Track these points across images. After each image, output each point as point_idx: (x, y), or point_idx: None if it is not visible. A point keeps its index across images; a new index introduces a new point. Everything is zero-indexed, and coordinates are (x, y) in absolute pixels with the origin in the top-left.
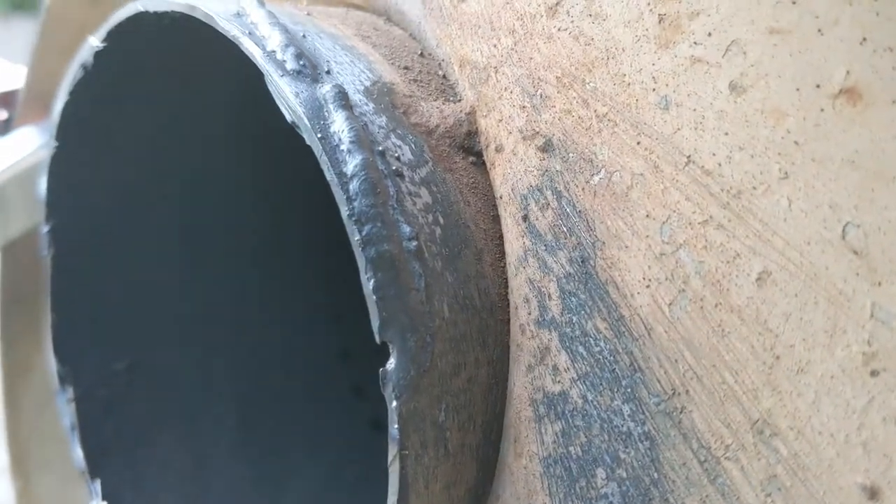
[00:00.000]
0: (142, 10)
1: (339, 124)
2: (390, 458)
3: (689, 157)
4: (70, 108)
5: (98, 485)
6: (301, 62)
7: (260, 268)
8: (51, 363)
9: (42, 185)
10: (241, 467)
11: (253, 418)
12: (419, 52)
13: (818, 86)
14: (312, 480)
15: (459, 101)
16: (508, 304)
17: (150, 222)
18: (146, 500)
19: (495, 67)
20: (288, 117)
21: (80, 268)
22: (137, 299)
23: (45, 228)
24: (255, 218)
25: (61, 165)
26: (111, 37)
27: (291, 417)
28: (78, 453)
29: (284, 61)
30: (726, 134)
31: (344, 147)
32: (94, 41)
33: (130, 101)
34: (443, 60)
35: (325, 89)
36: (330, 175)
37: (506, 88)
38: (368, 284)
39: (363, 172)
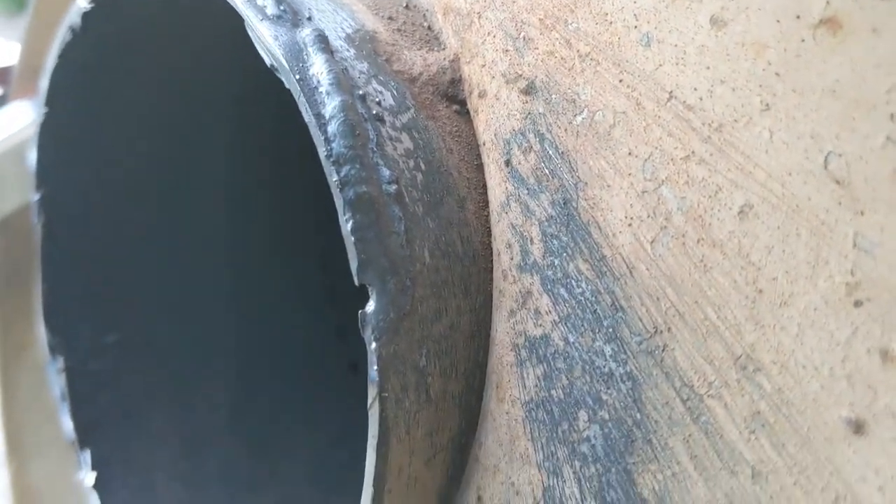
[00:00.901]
0: None
1: (318, 67)
2: (370, 400)
3: (670, 92)
4: (59, 72)
5: (88, 455)
6: (281, 7)
7: (255, 244)
8: (42, 333)
9: (32, 156)
10: (235, 445)
11: (247, 396)
12: (404, 4)
13: (798, 16)
14: (307, 458)
15: (443, 49)
16: (491, 252)
17: (144, 192)
18: (137, 475)
19: (478, 13)
20: (267, 61)
21: (72, 237)
22: (130, 272)
23: (36, 196)
24: (250, 192)
25: (51, 132)
26: None
27: (286, 394)
28: (68, 424)
29: (265, 6)
30: (707, 68)
31: (323, 89)
32: (82, 2)
33: (120, 65)
34: (427, 10)
35: (305, 33)
36: (308, 117)
37: (489, 33)
38: (347, 226)
39: (342, 114)
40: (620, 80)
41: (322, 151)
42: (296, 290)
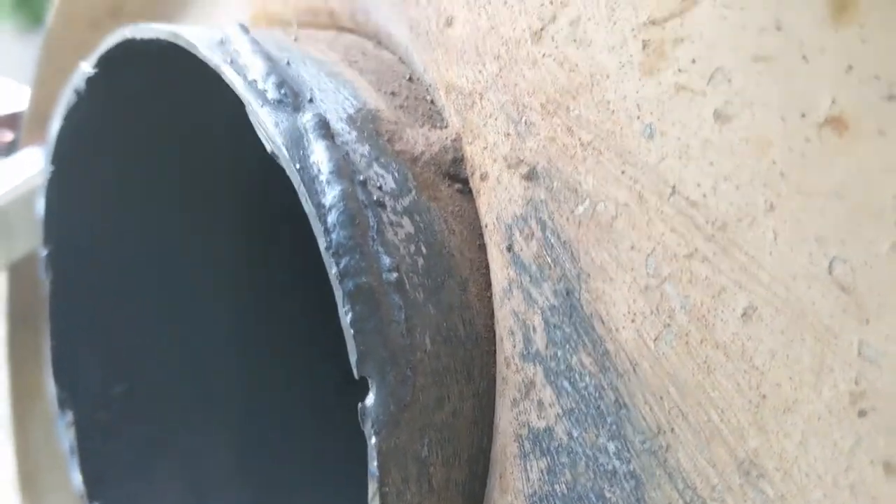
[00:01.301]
0: (129, 37)
1: (318, 154)
2: (370, 494)
3: (673, 187)
4: (64, 132)
5: None
6: (282, 91)
7: (261, 293)
8: (50, 387)
9: (40, 208)
10: (240, 492)
11: (252, 446)
12: (407, 77)
13: (803, 115)
14: None
15: (446, 127)
16: (494, 335)
17: (149, 246)
18: None
19: (480, 93)
20: (268, 147)
21: (79, 292)
22: (136, 324)
23: (44, 252)
24: (256, 240)
25: (57, 190)
26: (102, 63)
27: (291, 445)
28: (77, 478)
29: (265, 90)
30: (711, 164)
31: (323, 177)
32: (87, 67)
33: (124, 127)
34: (430, 85)
35: (306, 118)
36: (308, 206)
37: (490, 115)
38: (346, 318)
39: (342, 203)
40: (623, 172)
41: (322, 242)
42: (302, 338)
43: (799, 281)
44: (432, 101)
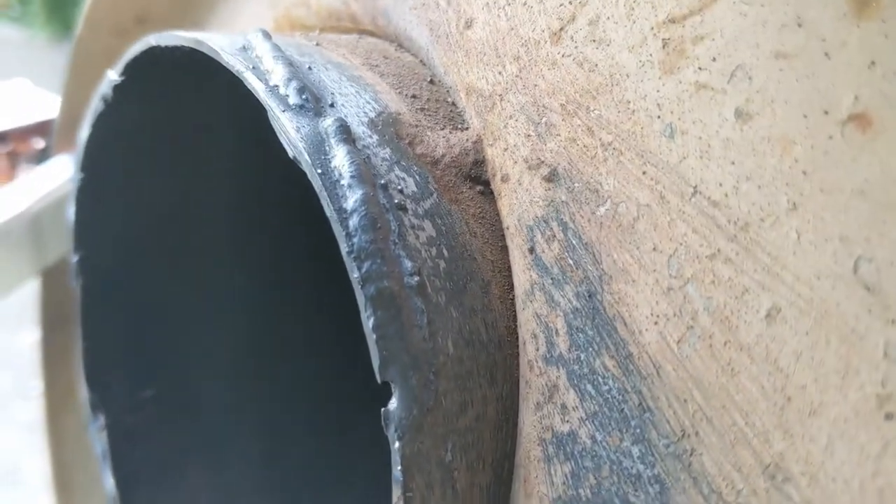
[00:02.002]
0: (154, 44)
1: (339, 159)
2: (394, 500)
3: (695, 187)
4: (93, 139)
5: None
6: (304, 96)
7: (290, 298)
8: (82, 391)
9: (70, 214)
10: (266, 497)
11: (279, 450)
12: (428, 79)
13: (826, 112)
14: None
15: (467, 129)
16: (517, 337)
17: (177, 251)
18: None
19: (500, 95)
20: (290, 152)
21: (110, 297)
22: (165, 328)
23: (74, 258)
24: (286, 244)
25: (87, 196)
26: (128, 70)
27: (319, 450)
28: (109, 481)
29: (287, 96)
30: (733, 163)
31: (344, 182)
32: (113, 75)
33: (152, 132)
34: (451, 87)
35: (327, 123)
36: (329, 211)
37: (511, 116)
38: (368, 323)
39: (363, 208)
40: (644, 172)
41: (344, 247)
42: (330, 344)
43: (823, 281)
44: (453, 103)
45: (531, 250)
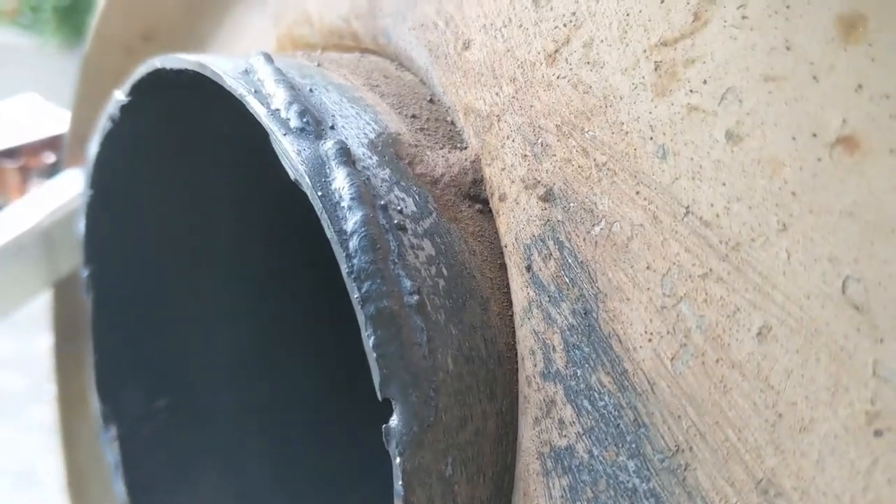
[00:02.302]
0: (159, 66)
1: (339, 181)
2: None
3: (687, 207)
4: (101, 157)
5: None
6: (305, 119)
7: (299, 302)
8: (94, 403)
9: (80, 229)
10: (279, 500)
11: (291, 454)
12: (428, 98)
13: (814, 134)
14: None
15: (465, 148)
16: (516, 353)
17: (184, 262)
18: None
19: (497, 115)
20: (291, 175)
21: (120, 310)
22: (175, 338)
23: (85, 272)
24: (293, 253)
25: (96, 211)
26: (134, 91)
27: (329, 453)
28: (121, 490)
29: (288, 119)
30: (724, 184)
31: (345, 204)
32: (120, 95)
33: (158, 149)
34: (450, 107)
35: (328, 146)
36: (330, 233)
37: (508, 137)
38: (368, 342)
39: (363, 229)
40: (637, 192)
41: (344, 268)
42: (339, 349)
43: (813, 300)
44: (452, 123)
45: (528, 268)
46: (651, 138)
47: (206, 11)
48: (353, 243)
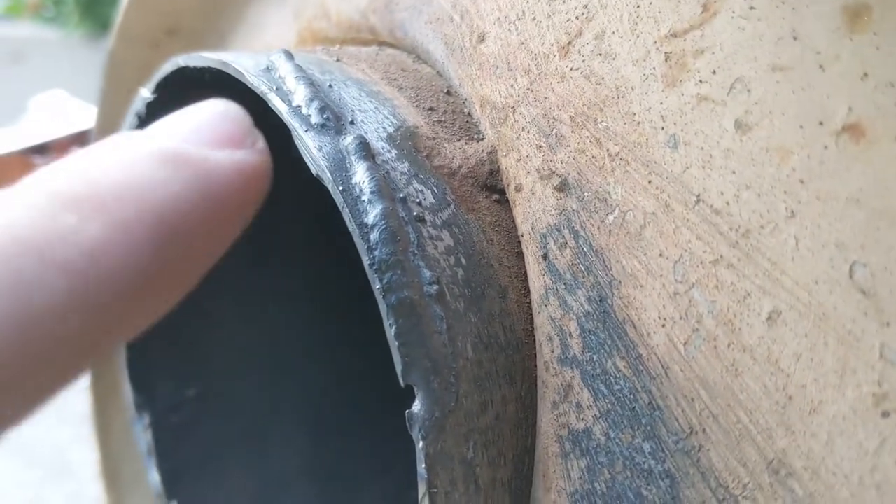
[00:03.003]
0: (182, 65)
1: (360, 175)
2: (420, 495)
3: (698, 195)
4: None
5: None
6: (325, 115)
7: (329, 292)
8: (127, 393)
9: None
10: (308, 488)
11: (321, 438)
12: (445, 90)
13: (821, 123)
14: (380, 500)
15: (482, 139)
16: (534, 339)
17: None
18: None
19: (513, 107)
20: (313, 170)
21: None
22: (206, 327)
23: None
24: (321, 244)
25: None
26: (160, 88)
27: (359, 436)
28: (154, 477)
29: (309, 115)
30: (733, 172)
31: (365, 197)
32: (146, 93)
33: None
34: (466, 99)
35: (348, 141)
36: (352, 226)
37: (523, 128)
38: (390, 331)
39: (383, 222)
40: (650, 181)
41: (365, 260)
42: (368, 336)
43: (821, 285)
44: (469, 114)
45: (545, 257)
46: (662, 128)
47: (229, 4)
48: (374, 236)
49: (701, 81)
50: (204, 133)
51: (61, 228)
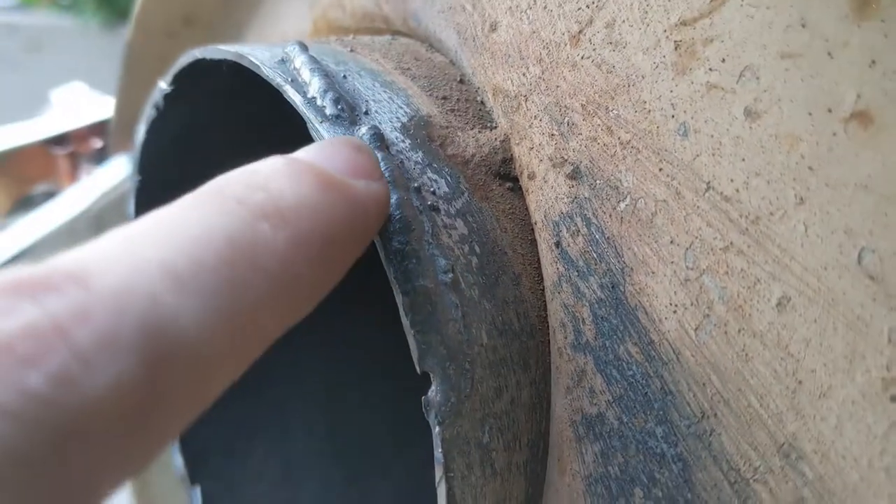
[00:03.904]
0: (199, 57)
1: None
2: (437, 479)
3: (708, 183)
4: (148, 144)
5: (198, 491)
6: (339, 106)
7: (349, 275)
8: None
9: (131, 212)
10: (330, 469)
11: (343, 422)
12: (458, 79)
13: (830, 110)
14: (398, 480)
15: (495, 128)
16: (548, 326)
17: None
18: None
19: (525, 96)
20: None
21: None
22: None
23: None
24: None
25: (146, 197)
26: (177, 80)
27: (380, 419)
28: (178, 461)
29: (324, 107)
30: (743, 160)
31: None
32: (163, 84)
33: (202, 132)
34: (479, 87)
35: (362, 132)
36: None
37: (535, 116)
38: (406, 319)
39: (398, 211)
40: (660, 169)
41: (381, 249)
42: (390, 319)
43: (830, 271)
44: (482, 103)
45: (557, 244)
46: (672, 116)
47: None
48: (390, 226)
49: (710, 69)
50: (349, 165)
51: (260, 237)
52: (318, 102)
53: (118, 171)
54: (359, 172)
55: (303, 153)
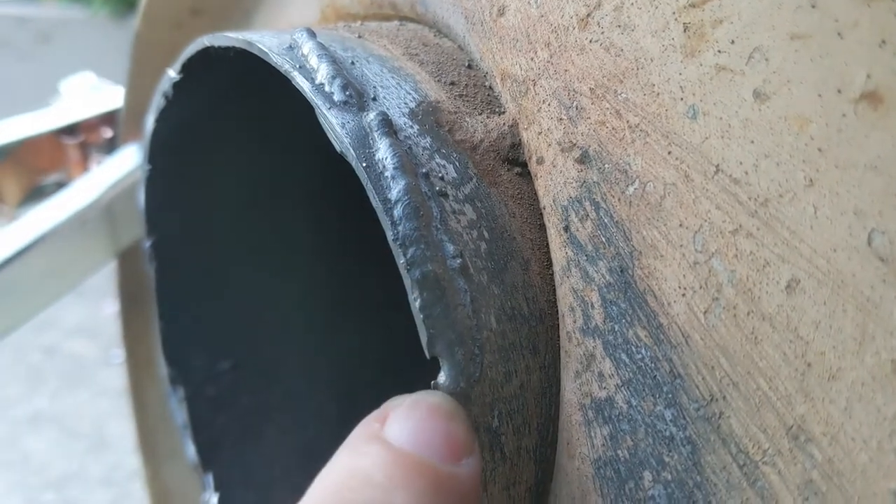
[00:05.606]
0: (207, 45)
1: (382, 152)
2: None
3: (717, 165)
4: (158, 133)
5: (210, 477)
6: (347, 92)
7: (357, 261)
8: (161, 367)
9: (141, 201)
10: None
11: (355, 409)
12: (466, 64)
13: (839, 91)
14: None
15: (503, 113)
16: (557, 311)
17: (245, 230)
18: (256, 492)
19: (533, 80)
20: (336, 147)
21: (183, 277)
22: (239, 302)
23: (147, 244)
24: (348, 216)
25: (156, 185)
26: (186, 69)
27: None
28: (190, 449)
29: (332, 93)
30: (752, 142)
31: (388, 174)
32: (172, 73)
33: (212, 120)
34: (488, 72)
35: (370, 118)
36: (375, 202)
37: (544, 101)
38: (415, 304)
39: (406, 197)
40: (669, 152)
41: (390, 235)
42: (399, 305)
43: (839, 253)
44: (490, 88)
45: (566, 229)
46: (681, 99)
47: None
48: (398, 211)
49: (720, 51)
50: (448, 443)
51: None
52: (327, 89)
53: (128, 160)
54: (457, 450)
55: (398, 431)
